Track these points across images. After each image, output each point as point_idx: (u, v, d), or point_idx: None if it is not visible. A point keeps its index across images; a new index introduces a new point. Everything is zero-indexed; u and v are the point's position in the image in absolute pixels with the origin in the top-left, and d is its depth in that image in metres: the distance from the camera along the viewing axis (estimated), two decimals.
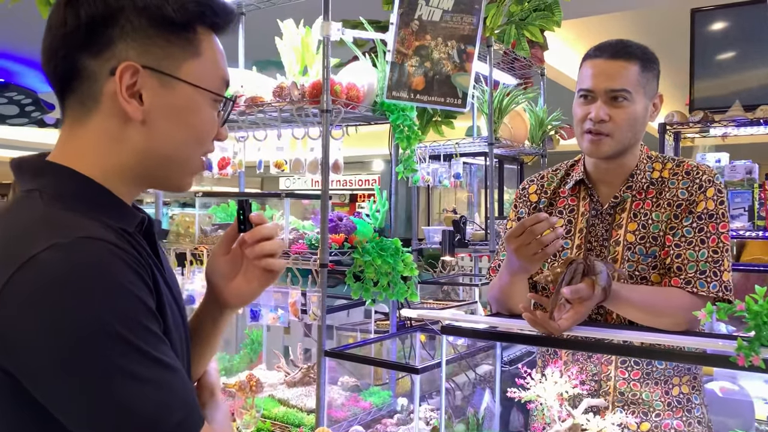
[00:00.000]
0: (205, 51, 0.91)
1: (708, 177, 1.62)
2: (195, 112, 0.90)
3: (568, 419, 1.57)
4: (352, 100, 1.96)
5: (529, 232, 1.43)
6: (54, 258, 0.73)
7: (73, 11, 0.84)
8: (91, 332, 0.72)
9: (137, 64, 0.84)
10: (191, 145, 0.92)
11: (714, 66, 3.63)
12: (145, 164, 0.90)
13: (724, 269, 1.57)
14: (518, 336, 1.61)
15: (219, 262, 1.05)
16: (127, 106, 0.85)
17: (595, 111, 1.57)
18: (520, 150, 3.24)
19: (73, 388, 0.73)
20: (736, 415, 2.56)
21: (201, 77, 0.90)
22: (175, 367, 0.80)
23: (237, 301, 1.07)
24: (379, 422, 2.06)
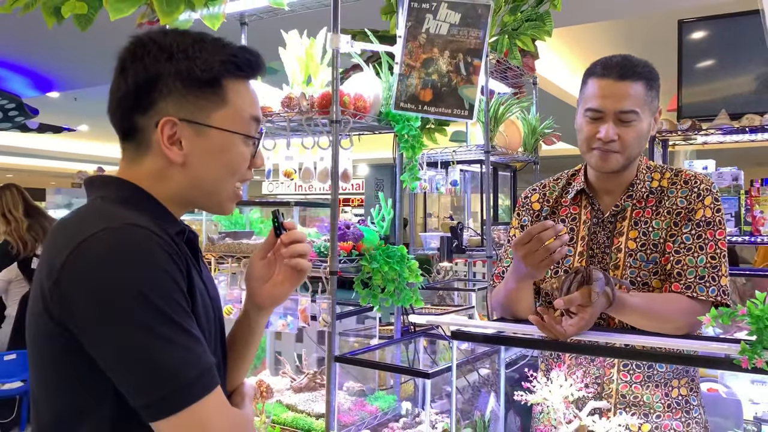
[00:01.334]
0: (232, 99, 1.07)
1: (706, 186, 1.69)
2: (227, 151, 1.08)
3: (575, 421, 1.62)
4: (360, 111, 2.00)
5: (536, 239, 1.47)
6: (105, 237, 0.92)
7: (124, 79, 1.04)
8: (131, 297, 0.89)
9: (175, 118, 1.03)
10: (226, 179, 1.10)
11: (700, 74, 3.72)
12: (187, 195, 1.09)
13: (722, 274, 1.63)
14: (527, 341, 1.65)
15: (257, 266, 1.22)
16: (169, 152, 1.04)
17: (605, 131, 1.61)
18: (514, 157, 3.30)
19: (111, 337, 0.90)
20: (727, 415, 2.63)
21: (230, 122, 1.07)
22: (197, 337, 0.96)
23: (270, 302, 1.23)
24: (386, 426, 2.10)
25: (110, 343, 0.90)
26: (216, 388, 0.95)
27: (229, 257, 2.08)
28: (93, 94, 8.88)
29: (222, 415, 0.95)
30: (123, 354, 0.90)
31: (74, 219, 1.02)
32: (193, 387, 0.91)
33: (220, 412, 0.94)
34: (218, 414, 0.94)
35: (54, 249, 0.96)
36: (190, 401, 0.91)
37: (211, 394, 0.94)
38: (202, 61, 1.04)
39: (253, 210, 2.33)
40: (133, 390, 0.91)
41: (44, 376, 1.00)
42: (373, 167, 15.81)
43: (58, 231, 1.01)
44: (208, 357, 0.96)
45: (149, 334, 0.89)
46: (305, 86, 2.16)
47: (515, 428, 2.10)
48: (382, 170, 15.63)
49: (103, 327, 0.90)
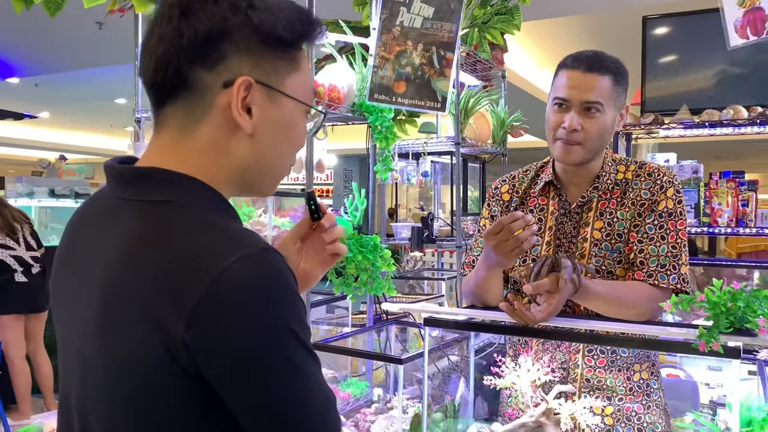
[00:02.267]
0: (303, 65, 0.95)
1: (668, 178, 1.76)
2: (294, 124, 0.95)
3: (542, 404, 1.68)
4: (334, 101, 2.02)
5: (507, 229, 1.52)
6: (245, 269, 0.77)
7: (189, 25, 0.85)
8: (281, 334, 0.78)
9: (251, 79, 0.87)
10: (288, 154, 0.97)
11: (662, 70, 3.82)
12: (244, 173, 0.92)
13: (682, 263, 1.70)
14: (496, 326, 1.70)
15: (289, 251, 1.12)
16: (240, 119, 0.87)
17: (569, 121, 1.66)
18: (483, 149, 3.36)
19: (260, 383, 0.78)
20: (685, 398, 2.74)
21: (300, 90, 0.94)
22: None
23: (303, 285, 1.14)
24: (358, 412, 2.13)
25: (259, 391, 0.78)
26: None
27: None
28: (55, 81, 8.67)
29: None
30: (275, 401, 0.79)
31: (174, 238, 0.81)
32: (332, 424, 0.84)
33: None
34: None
35: (161, 279, 0.78)
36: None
37: None
38: (285, 18, 0.89)
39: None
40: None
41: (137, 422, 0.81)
42: (342, 158, 15.80)
43: (149, 252, 0.80)
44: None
45: (300, 375, 0.80)
46: None
47: (483, 412, 2.16)
48: (351, 161, 15.64)
49: (251, 373, 0.77)
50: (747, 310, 1.32)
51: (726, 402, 1.75)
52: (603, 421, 1.73)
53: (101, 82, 8.76)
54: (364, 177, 3.39)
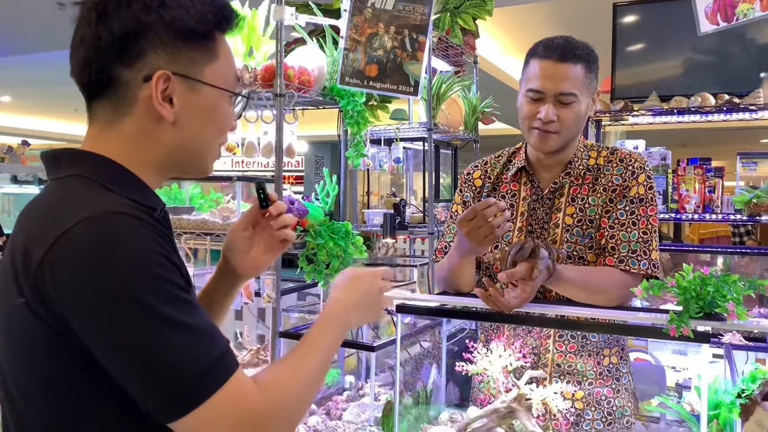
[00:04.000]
0: (221, 54, 1.02)
1: (639, 164, 1.76)
2: (217, 109, 1.02)
3: (513, 390, 1.68)
4: (304, 84, 1.98)
5: (480, 216, 1.51)
6: (85, 229, 0.84)
7: (106, 27, 0.93)
8: (120, 289, 0.82)
9: (169, 72, 0.95)
10: (214, 138, 1.05)
11: (632, 57, 3.85)
12: (174, 157, 1.01)
13: (653, 248, 1.72)
14: (469, 312, 1.70)
15: (239, 238, 1.20)
16: (162, 110, 0.96)
17: (545, 112, 1.66)
18: (455, 135, 3.34)
19: (110, 338, 0.83)
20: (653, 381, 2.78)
21: (220, 77, 1.01)
22: (207, 319, 0.89)
23: (253, 272, 1.23)
24: (330, 399, 2.12)
25: (110, 343, 0.83)
26: (237, 371, 0.88)
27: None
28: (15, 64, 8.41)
29: (253, 395, 0.88)
30: (125, 355, 0.83)
31: (46, 205, 0.93)
32: (209, 376, 0.84)
33: (250, 393, 0.88)
34: (248, 396, 0.87)
35: (28, 240, 0.88)
36: (209, 393, 0.84)
37: (233, 378, 0.87)
38: (196, 11, 0.97)
39: (193, 185, 2.27)
40: (141, 392, 0.84)
41: (30, 373, 0.90)
42: (313, 144, 15.68)
43: (30, 219, 0.92)
44: (221, 339, 0.89)
45: (149, 329, 0.82)
46: (247, 59, 2.11)
47: (455, 398, 2.16)
48: (323, 147, 15.53)
49: (99, 327, 0.83)
50: (716, 295, 1.33)
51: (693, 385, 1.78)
52: (573, 406, 1.74)
53: (65, 66, 8.49)
54: (336, 163, 3.35)
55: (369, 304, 1.17)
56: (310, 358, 1.00)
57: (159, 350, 0.83)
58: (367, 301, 1.16)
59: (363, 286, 1.16)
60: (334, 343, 1.06)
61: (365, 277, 1.18)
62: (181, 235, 2.02)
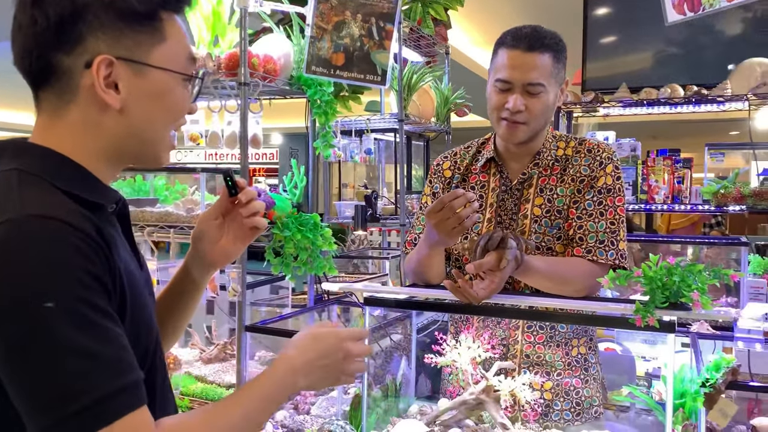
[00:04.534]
0: (170, 34, 0.96)
1: (608, 154, 1.76)
2: (168, 93, 0.96)
3: (482, 381, 1.67)
4: (269, 73, 1.94)
5: (448, 207, 1.49)
6: (3, 234, 0.79)
7: (41, 12, 0.87)
8: (22, 302, 0.76)
9: (111, 57, 0.89)
10: (167, 124, 0.99)
11: (603, 49, 3.86)
12: (123, 146, 0.96)
13: (620, 239, 1.72)
14: (437, 305, 1.68)
15: (209, 227, 1.17)
16: (106, 97, 0.90)
17: (513, 102, 1.64)
18: (427, 127, 3.32)
19: (5, 351, 0.77)
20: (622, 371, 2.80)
21: (170, 60, 0.96)
22: (120, 345, 0.82)
23: (224, 260, 1.20)
24: (299, 394, 2.09)
25: (3, 358, 0.77)
26: (138, 410, 0.80)
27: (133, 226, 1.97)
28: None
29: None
30: (15, 375, 0.77)
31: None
32: (99, 408, 0.76)
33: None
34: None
35: None
36: (96, 425, 0.76)
37: (130, 416, 0.78)
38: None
39: (157, 177, 2.22)
40: (26, 414, 0.77)
41: None
42: (287, 136, 15.56)
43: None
44: (131, 372, 0.81)
45: (45, 351, 0.75)
46: (212, 47, 2.06)
47: (426, 390, 2.15)
48: (297, 139, 15.43)
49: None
50: (682, 285, 1.34)
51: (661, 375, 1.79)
52: (542, 396, 1.74)
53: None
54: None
55: (327, 370, 1.03)
56: (232, 412, 0.91)
57: (50, 373, 0.76)
58: (324, 365, 1.02)
59: (322, 349, 1.03)
60: (267, 403, 0.97)
61: (327, 338, 1.04)
62: (144, 227, 1.97)
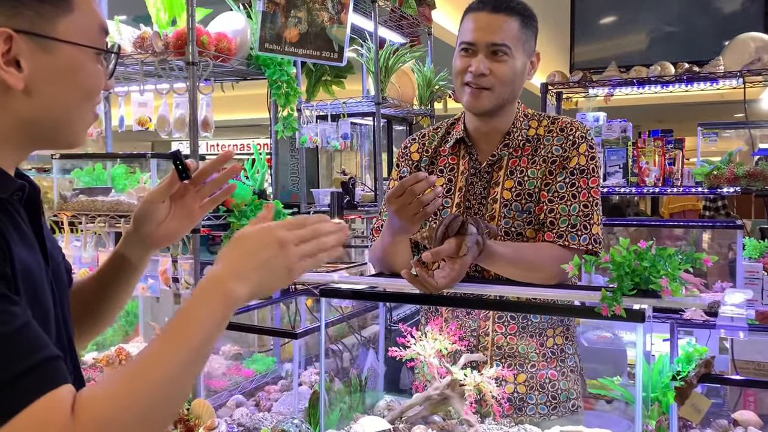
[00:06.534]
0: (78, 3, 0.87)
1: (581, 133, 1.66)
2: (79, 70, 0.87)
3: (448, 376, 1.58)
4: (223, 52, 1.83)
5: (409, 192, 1.41)
6: None
7: None
8: None
9: (9, 30, 0.80)
10: (80, 104, 0.89)
11: (593, 30, 3.75)
12: (31, 130, 0.87)
13: (594, 222, 1.62)
14: (398, 295, 1.59)
15: (155, 209, 1.09)
16: (6, 76, 0.81)
17: (476, 64, 1.57)
18: (409, 110, 3.22)
19: None
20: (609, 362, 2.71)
21: (79, 32, 0.86)
22: (25, 323, 0.73)
23: (166, 242, 1.13)
24: (262, 389, 2.01)
25: None
26: (59, 389, 0.71)
27: (84, 216, 1.88)
28: None
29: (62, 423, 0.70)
30: None
31: None
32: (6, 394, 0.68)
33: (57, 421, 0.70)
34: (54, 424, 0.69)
35: None
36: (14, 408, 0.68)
37: (47, 397, 0.70)
38: None
39: (117, 165, 2.12)
40: None
41: None
42: None
43: None
44: (39, 351, 0.73)
45: None
46: (169, 28, 1.96)
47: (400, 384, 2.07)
48: None
49: None
50: (651, 271, 1.24)
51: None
52: (516, 390, 1.65)
53: None
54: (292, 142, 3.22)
55: (265, 267, 0.87)
56: (157, 362, 0.78)
57: None
58: (258, 262, 0.86)
59: (250, 246, 0.88)
60: (199, 336, 0.80)
61: (253, 233, 0.89)
62: (95, 218, 1.88)
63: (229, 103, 5.20)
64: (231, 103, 5.51)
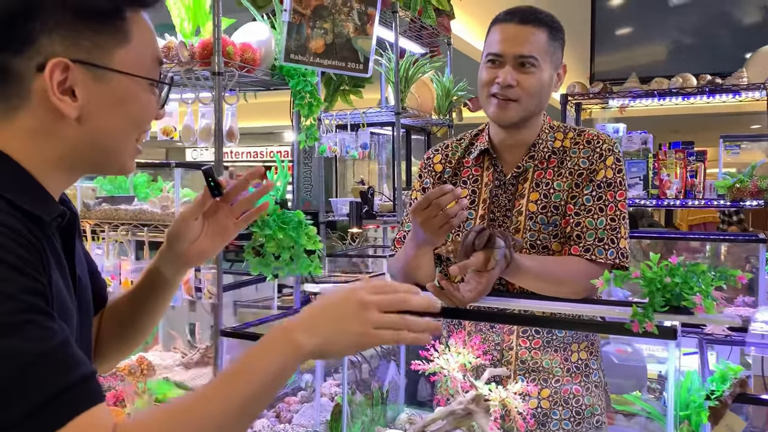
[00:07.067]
0: (135, 35, 0.87)
1: (608, 146, 1.64)
2: (133, 100, 0.88)
3: (471, 390, 1.56)
4: (248, 63, 1.83)
5: (434, 204, 1.40)
6: None
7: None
8: None
9: (66, 60, 0.80)
10: (130, 133, 0.90)
11: (614, 41, 3.74)
12: (80, 156, 0.87)
13: (621, 236, 1.60)
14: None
15: (189, 227, 1.08)
16: (61, 105, 0.81)
17: (503, 76, 1.55)
18: (428, 120, 3.21)
19: None
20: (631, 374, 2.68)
21: (134, 63, 0.87)
22: (64, 341, 0.72)
23: (200, 259, 1.12)
24: (282, 401, 1.99)
25: None
26: (96, 407, 0.71)
27: (106, 224, 1.89)
28: None
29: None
30: None
31: None
32: (46, 411, 0.67)
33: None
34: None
35: None
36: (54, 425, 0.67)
37: (80, 419, 0.69)
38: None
39: (139, 174, 2.13)
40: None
41: None
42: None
43: None
44: (78, 367, 0.72)
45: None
46: (193, 37, 1.97)
47: (419, 396, 2.05)
48: None
49: None
50: (684, 287, 1.21)
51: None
52: (540, 405, 1.62)
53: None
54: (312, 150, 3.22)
55: (339, 323, 0.83)
56: (208, 406, 0.76)
57: None
58: (333, 317, 0.84)
59: (328, 301, 0.86)
60: (257, 386, 0.79)
61: (337, 291, 0.87)
62: (118, 227, 1.88)
63: (242, 112, 5.22)
64: (243, 112, 5.53)
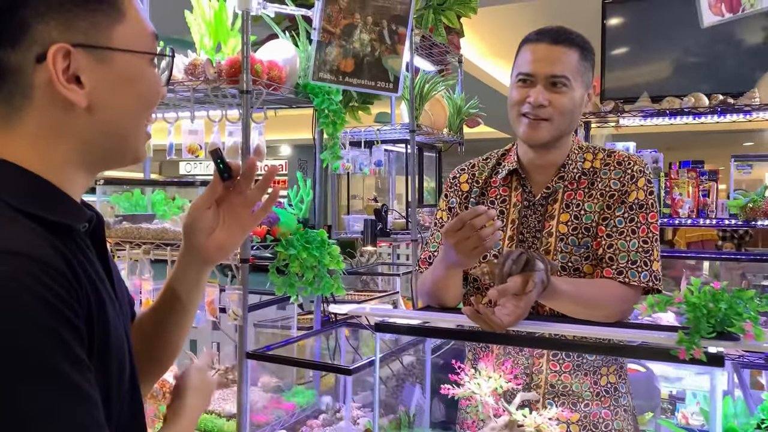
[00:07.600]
0: (128, 11, 0.83)
1: (639, 167, 1.63)
2: (139, 78, 0.84)
3: (504, 416, 1.53)
4: (274, 81, 1.82)
5: (468, 226, 1.38)
6: None
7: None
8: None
9: (67, 45, 0.75)
10: (141, 114, 0.86)
11: (621, 59, 3.75)
12: (97, 149, 0.83)
13: (654, 259, 1.58)
14: (454, 332, 1.55)
15: (202, 216, 1.00)
16: (69, 94, 0.76)
17: (535, 95, 1.54)
18: (439, 137, 3.20)
19: None
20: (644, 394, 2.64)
21: (134, 39, 0.83)
22: (93, 403, 0.69)
23: (219, 255, 1.03)
24: (304, 424, 1.96)
25: None
26: None
27: (127, 243, 1.85)
28: None
29: None
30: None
31: None
32: None
33: None
34: None
35: None
36: None
37: None
38: None
39: (156, 191, 2.09)
40: None
41: None
42: (296, 148, 15.49)
43: None
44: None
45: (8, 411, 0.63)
46: (214, 54, 1.95)
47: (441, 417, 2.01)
48: (306, 151, 15.37)
49: None
50: (730, 312, 1.19)
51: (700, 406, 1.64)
52: (569, 430, 1.59)
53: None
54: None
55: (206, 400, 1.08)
56: None
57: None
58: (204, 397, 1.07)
59: (209, 387, 1.07)
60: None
61: (207, 377, 1.07)
62: (140, 245, 1.85)
63: None
64: None
